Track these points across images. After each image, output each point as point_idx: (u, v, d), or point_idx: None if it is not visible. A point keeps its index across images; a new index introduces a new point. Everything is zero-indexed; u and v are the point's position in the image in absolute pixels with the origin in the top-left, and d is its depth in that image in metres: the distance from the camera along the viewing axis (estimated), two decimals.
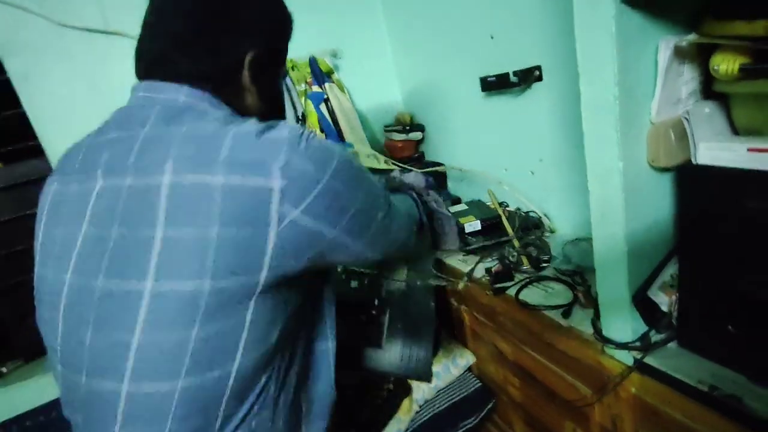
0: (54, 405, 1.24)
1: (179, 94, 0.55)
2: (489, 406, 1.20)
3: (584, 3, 0.57)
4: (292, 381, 0.59)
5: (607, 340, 0.73)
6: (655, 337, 0.69)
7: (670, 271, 0.67)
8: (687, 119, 0.57)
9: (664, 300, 0.67)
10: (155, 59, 0.57)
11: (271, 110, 0.66)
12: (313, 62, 1.60)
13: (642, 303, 0.67)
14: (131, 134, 0.53)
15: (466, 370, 1.26)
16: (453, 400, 1.20)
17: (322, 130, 1.63)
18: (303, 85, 1.61)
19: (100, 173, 0.52)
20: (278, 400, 0.57)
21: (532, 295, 0.95)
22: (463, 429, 1.17)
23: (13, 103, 1.24)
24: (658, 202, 0.66)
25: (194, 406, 0.48)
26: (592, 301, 0.86)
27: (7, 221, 1.22)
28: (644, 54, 0.58)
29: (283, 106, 0.76)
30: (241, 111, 0.61)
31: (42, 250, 0.56)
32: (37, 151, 1.27)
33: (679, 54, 0.58)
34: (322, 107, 1.63)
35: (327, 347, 0.69)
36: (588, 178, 0.65)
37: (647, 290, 0.67)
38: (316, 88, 1.62)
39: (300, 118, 1.62)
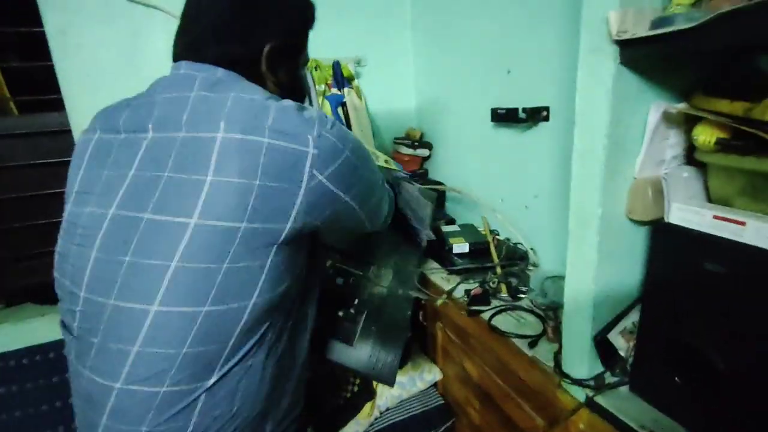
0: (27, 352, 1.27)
1: (216, 72, 0.62)
2: (447, 424, 1.23)
3: (588, 58, 0.61)
4: (284, 337, 0.66)
5: (564, 375, 0.76)
6: (609, 378, 0.72)
7: (633, 318, 0.71)
8: (665, 179, 0.61)
9: (622, 345, 0.71)
10: (191, 44, 0.65)
11: (291, 96, 0.71)
12: (336, 66, 1.66)
13: (601, 344, 0.71)
14: (181, 96, 0.60)
15: (431, 386, 1.29)
16: (413, 413, 1.23)
17: None
18: (323, 86, 1.66)
19: (151, 126, 0.59)
20: (273, 348, 0.63)
21: (504, 322, 0.99)
22: None
23: (44, 56, 1.29)
24: (631, 252, 0.70)
25: (212, 332, 0.54)
26: (558, 336, 0.89)
27: (18, 167, 1.26)
28: (636, 113, 0.63)
29: (304, 92, 0.83)
30: None
31: (80, 190, 0.62)
32: (57, 105, 1.32)
33: (668, 119, 0.62)
34: (339, 110, 1.68)
35: (309, 325, 0.76)
36: (569, 220, 0.69)
37: (608, 333, 0.70)
38: (335, 91, 1.67)
39: None
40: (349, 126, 1.68)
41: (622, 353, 0.71)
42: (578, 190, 0.67)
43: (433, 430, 1.22)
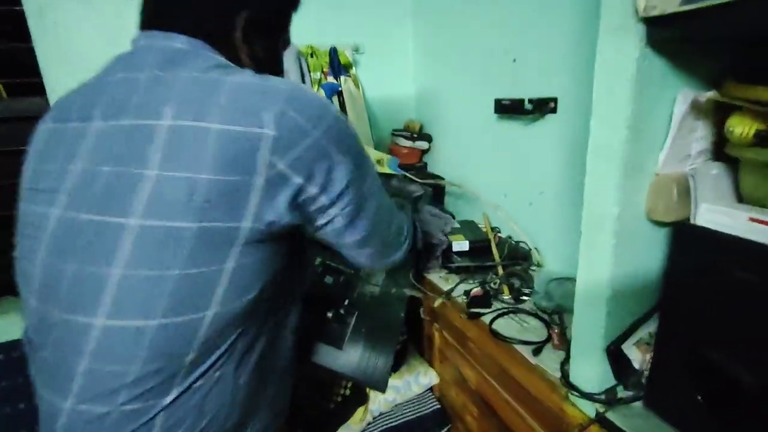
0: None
1: (176, 41, 0.54)
2: (443, 430, 1.18)
3: (609, 39, 0.55)
4: (261, 344, 0.59)
5: (572, 387, 0.70)
6: (621, 393, 0.66)
7: (649, 328, 0.65)
8: (693, 177, 0.55)
9: (637, 357, 0.65)
10: (156, 11, 0.57)
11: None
12: (333, 53, 1.58)
13: (614, 356, 0.65)
14: (131, 76, 0.53)
15: (427, 390, 1.23)
16: (408, 418, 1.17)
17: None
18: (319, 74, 1.59)
19: (99, 114, 0.52)
20: (245, 357, 0.56)
21: (506, 326, 0.93)
22: None
23: (23, 37, 1.21)
24: (648, 255, 0.64)
25: (166, 346, 0.48)
26: (565, 344, 0.83)
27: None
28: (660, 103, 0.56)
29: (281, 74, 0.71)
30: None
31: (30, 186, 0.55)
32: (38, 89, 1.24)
33: (696, 109, 0.56)
34: (335, 99, 1.61)
35: (292, 326, 0.69)
36: (582, 219, 0.63)
37: (622, 343, 0.64)
38: (331, 79, 1.60)
39: None
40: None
41: (636, 365, 0.65)
42: (593, 187, 0.61)
43: None
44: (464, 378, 1.05)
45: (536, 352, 0.83)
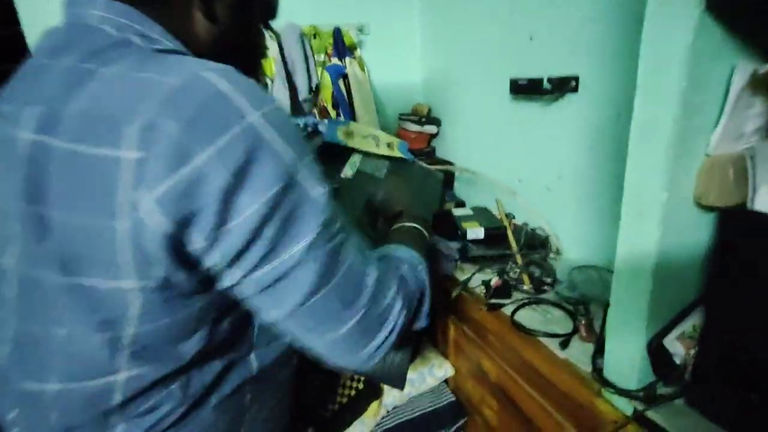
0: None
1: (94, 6, 0.40)
2: (459, 423, 1.14)
3: (659, 7, 0.49)
4: (204, 394, 0.48)
5: (606, 383, 0.66)
6: (662, 389, 0.62)
7: (693, 320, 0.60)
8: (752, 157, 0.50)
9: (680, 351, 0.61)
10: None
11: (234, 56, 0.46)
12: (337, 33, 1.51)
13: (655, 350, 0.60)
14: (41, 64, 0.42)
15: (442, 382, 1.20)
16: (423, 411, 1.14)
17: (335, 106, 1.55)
18: (322, 56, 1.53)
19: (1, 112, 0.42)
20: (201, 402, 0.47)
21: (528, 317, 0.89)
22: None
23: (12, 21, 1.15)
24: (694, 243, 0.59)
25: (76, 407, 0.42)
26: (593, 335, 0.79)
27: None
28: (715, 76, 0.51)
29: (258, 56, 0.56)
30: (193, 50, 0.45)
31: None
32: None
33: (755, 83, 0.51)
34: (340, 83, 1.54)
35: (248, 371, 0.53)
36: (623, 205, 0.58)
37: (664, 337, 0.60)
38: (335, 61, 1.53)
39: (313, 89, 1.54)
40: (350, 101, 1.55)
41: (678, 361, 0.61)
42: (636, 170, 0.56)
43: (444, 429, 1.13)
44: (483, 371, 1.02)
45: (563, 345, 0.79)
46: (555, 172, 1.13)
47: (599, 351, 0.72)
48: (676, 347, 0.61)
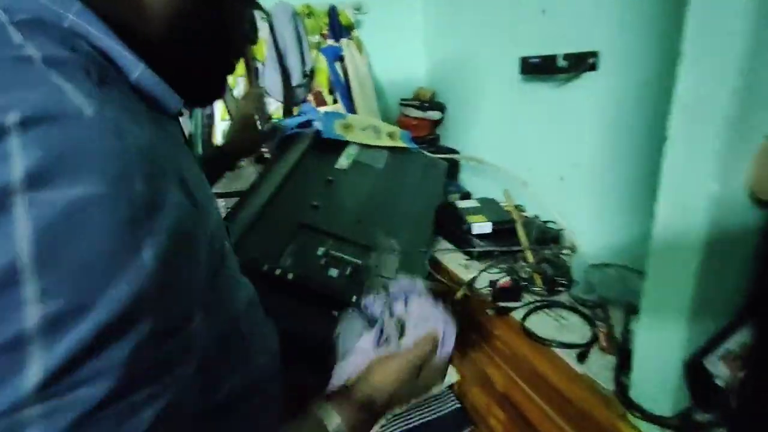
0: None
1: None
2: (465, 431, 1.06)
3: None
4: None
5: (633, 405, 0.57)
6: (700, 417, 0.53)
7: (742, 336, 0.51)
8: None
9: (723, 372, 0.51)
10: None
11: (209, 49, 0.38)
12: (333, 13, 1.41)
13: (694, 371, 0.51)
14: None
15: (446, 387, 1.11)
16: (426, 419, 1.06)
17: (331, 92, 1.45)
18: (317, 37, 1.42)
19: None
20: None
21: (541, 323, 0.79)
22: None
23: None
24: (747, 244, 0.49)
25: None
26: (614, 346, 0.70)
27: None
28: None
29: (236, 49, 0.43)
30: (141, 31, 0.33)
31: None
32: None
33: None
34: (337, 66, 1.44)
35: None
36: (659, 198, 0.48)
37: (705, 355, 0.51)
38: (331, 42, 1.43)
39: (307, 73, 1.44)
40: (348, 86, 1.45)
41: (721, 384, 0.51)
42: (679, 157, 0.46)
43: None
44: (489, 379, 0.93)
45: (581, 357, 0.69)
46: (570, 160, 1.02)
47: (623, 365, 0.63)
48: (720, 368, 0.51)
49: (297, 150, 1.07)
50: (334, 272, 0.83)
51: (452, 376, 1.09)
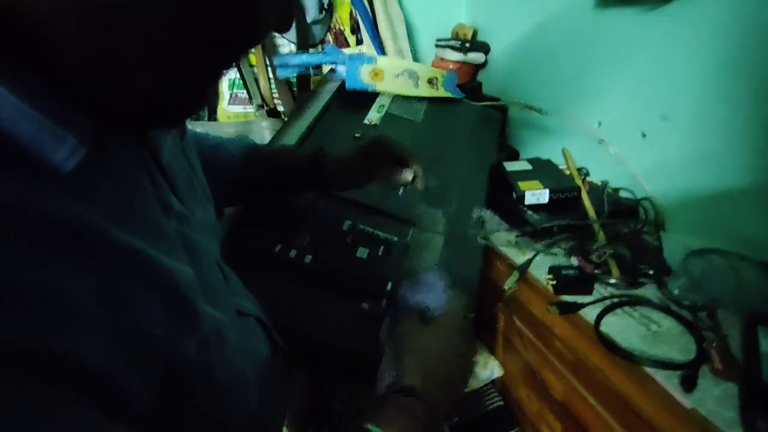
0: None
1: None
2: None
3: None
4: None
5: None
6: None
7: None
8: None
9: None
10: None
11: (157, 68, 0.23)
12: None
13: None
14: None
15: (488, 382, 0.96)
16: (464, 418, 0.92)
17: (353, 31, 1.23)
18: None
19: None
20: None
21: (621, 327, 0.61)
22: None
23: None
24: None
25: None
26: (733, 370, 0.51)
27: None
28: None
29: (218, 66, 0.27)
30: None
31: None
32: None
33: None
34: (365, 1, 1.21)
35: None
36: None
37: None
38: None
39: (326, 7, 1.22)
40: (375, 23, 1.22)
41: None
42: None
43: None
44: (544, 383, 0.76)
45: (687, 383, 0.51)
46: (657, 110, 0.79)
47: (754, 399, 0.45)
48: None
49: (318, 103, 0.89)
50: (363, 252, 0.66)
51: (495, 370, 0.93)
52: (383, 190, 0.75)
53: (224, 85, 1.16)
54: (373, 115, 0.92)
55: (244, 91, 1.14)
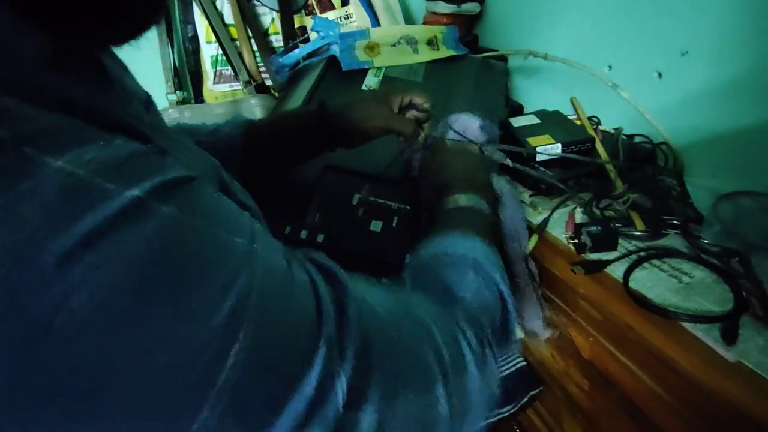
0: None
1: None
2: (533, 392, 0.91)
3: None
4: None
5: None
6: None
7: None
8: None
9: None
10: None
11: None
12: None
13: None
14: None
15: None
16: None
17: None
18: None
19: None
20: None
21: (651, 282, 0.58)
22: (498, 418, 0.90)
23: None
24: None
25: None
26: None
27: None
28: None
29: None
30: None
31: None
32: None
33: None
34: None
35: None
36: None
37: None
38: None
39: None
40: None
41: None
42: None
43: (516, 401, 0.91)
44: (571, 342, 0.75)
45: (728, 336, 0.49)
46: (675, 47, 0.74)
47: None
48: None
49: (310, 77, 0.84)
50: (377, 225, 0.63)
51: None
52: (389, 157, 0.71)
53: (207, 63, 1.10)
54: (371, 81, 0.87)
55: (229, 68, 1.08)
